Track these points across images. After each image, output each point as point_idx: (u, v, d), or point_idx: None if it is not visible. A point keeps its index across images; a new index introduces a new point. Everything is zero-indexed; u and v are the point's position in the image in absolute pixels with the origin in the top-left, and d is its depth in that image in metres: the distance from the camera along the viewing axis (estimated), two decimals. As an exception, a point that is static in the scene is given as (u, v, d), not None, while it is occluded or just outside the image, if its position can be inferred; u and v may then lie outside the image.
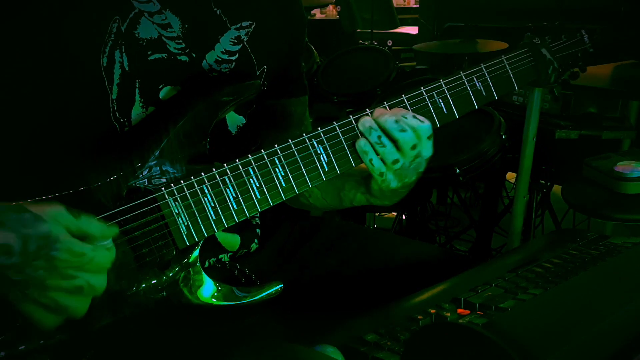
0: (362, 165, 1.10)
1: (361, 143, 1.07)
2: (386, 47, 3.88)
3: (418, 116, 1.07)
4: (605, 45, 1.33)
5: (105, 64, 1.02)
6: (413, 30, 5.32)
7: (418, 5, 5.63)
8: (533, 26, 1.30)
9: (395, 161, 1.07)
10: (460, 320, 0.91)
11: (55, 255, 0.82)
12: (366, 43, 4.45)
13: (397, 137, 1.06)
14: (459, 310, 0.95)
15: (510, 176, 3.10)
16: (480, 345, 0.65)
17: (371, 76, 2.94)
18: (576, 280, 0.98)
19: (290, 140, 1.04)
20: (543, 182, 2.81)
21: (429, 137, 1.08)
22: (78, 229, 0.85)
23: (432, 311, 0.94)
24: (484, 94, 1.17)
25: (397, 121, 1.05)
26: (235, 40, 1.16)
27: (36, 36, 0.98)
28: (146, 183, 0.99)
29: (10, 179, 0.98)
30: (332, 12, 6.20)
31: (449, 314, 0.93)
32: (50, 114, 1.01)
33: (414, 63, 4.28)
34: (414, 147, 1.06)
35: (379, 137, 1.05)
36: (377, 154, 1.07)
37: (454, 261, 1.30)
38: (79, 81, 1.01)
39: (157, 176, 0.99)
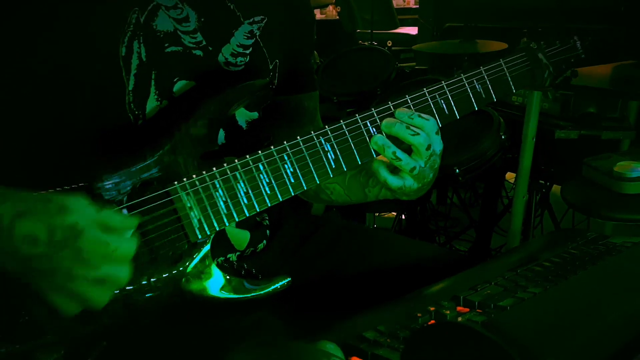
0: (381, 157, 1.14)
1: (375, 165, 1.12)
2: (386, 48, 3.88)
3: (422, 115, 1.10)
4: (597, 50, 1.36)
5: (123, 54, 1.04)
6: (413, 30, 5.32)
7: (418, 6, 5.63)
8: (528, 31, 1.34)
9: (413, 169, 1.10)
10: (459, 318, 0.91)
11: (82, 245, 0.83)
12: (366, 43, 4.45)
13: (412, 142, 1.09)
14: (459, 308, 0.95)
15: (510, 176, 3.10)
16: (480, 344, 0.66)
17: (371, 76, 2.94)
18: (576, 280, 0.98)
19: (298, 137, 1.06)
20: (542, 182, 2.81)
21: (436, 133, 1.12)
22: (100, 220, 0.86)
23: (432, 309, 0.95)
24: (483, 95, 1.21)
25: (408, 127, 1.09)
26: (249, 35, 1.18)
27: (57, 23, 0.99)
28: (158, 177, 1.00)
29: (25, 170, 1.00)
30: (332, 12, 6.19)
31: (448, 312, 0.94)
32: (68, 103, 1.02)
33: (414, 63, 4.28)
34: (428, 147, 1.10)
35: (394, 152, 1.09)
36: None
37: (453, 260, 1.30)
38: (97, 70, 1.02)
39: (169, 170, 1.00)
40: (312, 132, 1.07)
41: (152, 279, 0.98)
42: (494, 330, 0.67)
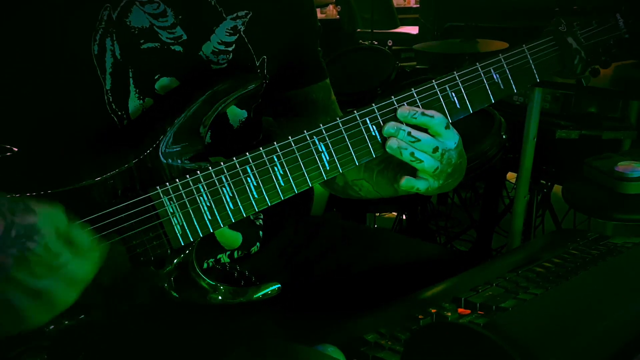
0: None
1: (395, 155, 1.04)
2: (386, 47, 3.88)
3: (427, 112, 1.03)
4: None
5: (96, 52, 1.02)
6: (413, 30, 5.32)
7: (418, 5, 5.64)
8: (560, 10, 1.19)
9: (435, 169, 1.04)
10: (461, 320, 0.91)
11: (31, 246, 0.80)
12: (366, 43, 4.45)
13: (415, 149, 1.03)
14: (460, 310, 0.95)
15: (511, 176, 3.10)
16: (481, 345, 0.65)
17: (371, 76, 2.94)
18: (577, 280, 0.98)
19: (290, 137, 1.01)
20: (543, 182, 2.81)
21: (446, 127, 1.04)
22: (66, 233, 0.83)
23: (433, 311, 0.94)
24: (502, 87, 1.10)
25: (409, 133, 1.02)
26: (232, 31, 1.14)
27: (25, 24, 0.98)
28: (141, 180, 0.97)
29: (7, 175, 0.98)
30: (332, 12, 6.19)
31: (449, 314, 0.93)
32: (45, 107, 1.01)
33: (414, 63, 4.28)
34: (435, 149, 1.03)
35: (412, 154, 1.03)
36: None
37: (454, 260, 1.30)
38: (71, 70, 1.00)
39: (152, 173, 0.98)
40: (305, 132, 1.01)
41: (134, 286, 0.96)
42: (494, 331, 0.67)
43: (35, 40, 0.99)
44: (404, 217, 3.15)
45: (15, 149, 0.97)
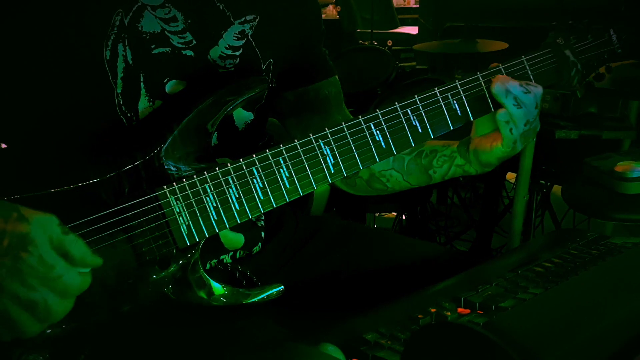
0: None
1: (502, 114, 1.09)
2: (386, 47, 3.87)
3: (531, 82, 1.11)
4: (635, 45, 1.25)
5: (108, 57, 1.02)
6: (413, 30, 5.32)
7: (418, 5, 5.64)
8: (557, 24, 1.24)
9: (527, 122, 1.09)
10: (461, 320, 0.91)
11: (24, 257, 0.79)
12: (366, 43, 4.45)
13: (524, 101, 1.08)
14: (460, 310, 0.95)
15: (510, 176, 3.10)
16: (480, 345, 0.66)
17: (371, 76, 2.94)
18: (576, 280, 0.98)
19: (296, 140, 1.03)
20: (543, 182, 2.81)
21: (535, 107, 1.11)
22: (60, 244, 0.82)
23: (433, 310, 0.95)
24: None
25: (521, 84, 1.09)
26: (239, 35, 1.15)
27: (39, 29, 0.99)
28: (148, 180, 0.98)
29: (17, 174, 0.98)
30: (332, 12, 6.19)
31: (449, 313, 0.94)
32: (55, 108, 1.02)
33: (414, 63, 4.28)
34: (537, 106, 1.10)
35: (516, 98, 1.08)
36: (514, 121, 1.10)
37: (454, 260, 1.30)
38: (82, 75, 1.01)
39: (159, 173, 0.99)
40: (311, 135, 1.04)
41: (138, 284, 0.97)
42: (493, 331, 0.67)
43: (47, 44, 0.99)
44: (403, 217, 3.15)
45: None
